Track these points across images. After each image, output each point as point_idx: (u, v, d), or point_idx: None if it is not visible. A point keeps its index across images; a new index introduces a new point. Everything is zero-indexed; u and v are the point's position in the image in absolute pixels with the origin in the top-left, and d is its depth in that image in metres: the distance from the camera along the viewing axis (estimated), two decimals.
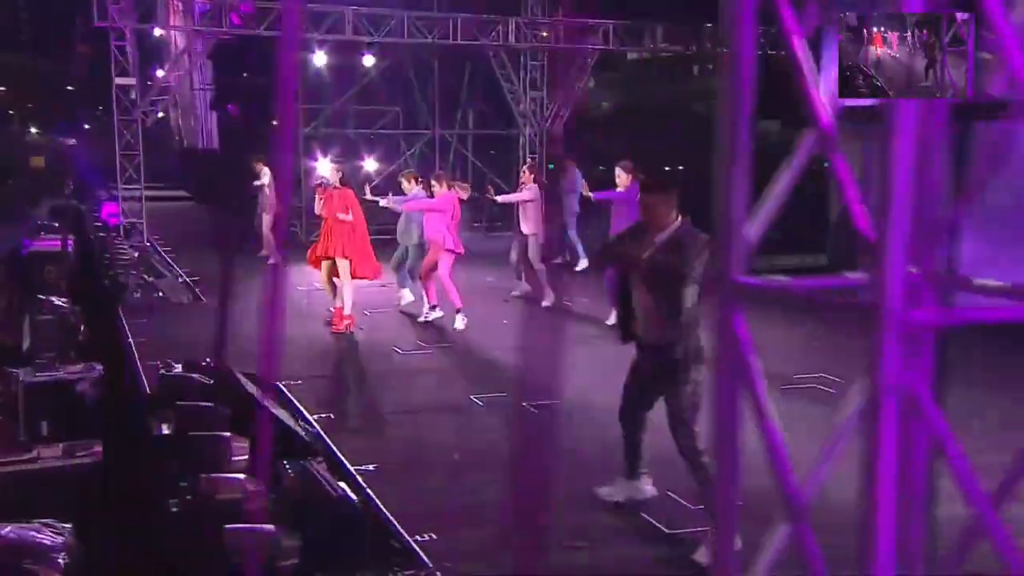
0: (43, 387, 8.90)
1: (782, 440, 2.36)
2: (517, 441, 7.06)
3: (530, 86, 19.86)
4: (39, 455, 7.61)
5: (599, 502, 5.76)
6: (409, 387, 8.81)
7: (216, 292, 13.09)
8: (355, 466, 6.23)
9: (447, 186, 10.71)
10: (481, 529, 5.43)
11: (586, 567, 5.06)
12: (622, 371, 8.79)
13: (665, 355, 5.16)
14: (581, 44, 19.32)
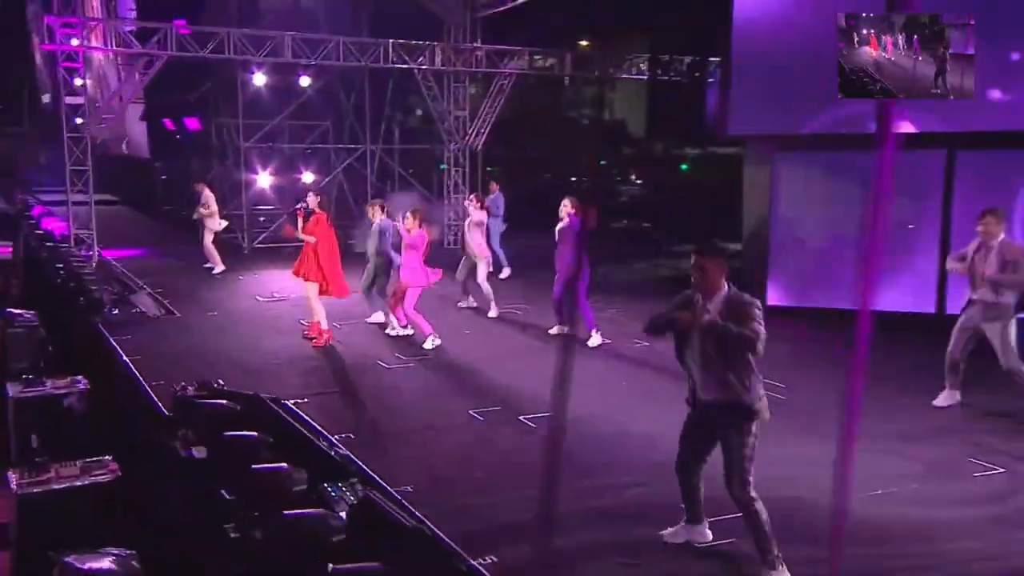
0: (32, 402, 8.57)
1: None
2: (529, 455, 6.96)
3: (454, 105, 19.79)
4: (57, 474, 7.31)
5: (638, 517, 5.83)
6: (408, 403, 8.56)
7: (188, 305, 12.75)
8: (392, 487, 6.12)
9: (420, 222, 10.58)
10: (533, 548, 5.36)
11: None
12: (592, 381, 9.01)
13: (726, 412, 5.06)
14: (500, 68, 19.38)
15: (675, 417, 7.73)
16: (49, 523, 7.12)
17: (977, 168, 11.59)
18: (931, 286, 11.83)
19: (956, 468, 6.75)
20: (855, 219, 12.28)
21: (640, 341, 10.81)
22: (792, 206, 12.57)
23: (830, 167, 12.44)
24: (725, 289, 5.04)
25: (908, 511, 5.96)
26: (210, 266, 16.12)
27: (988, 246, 7.54)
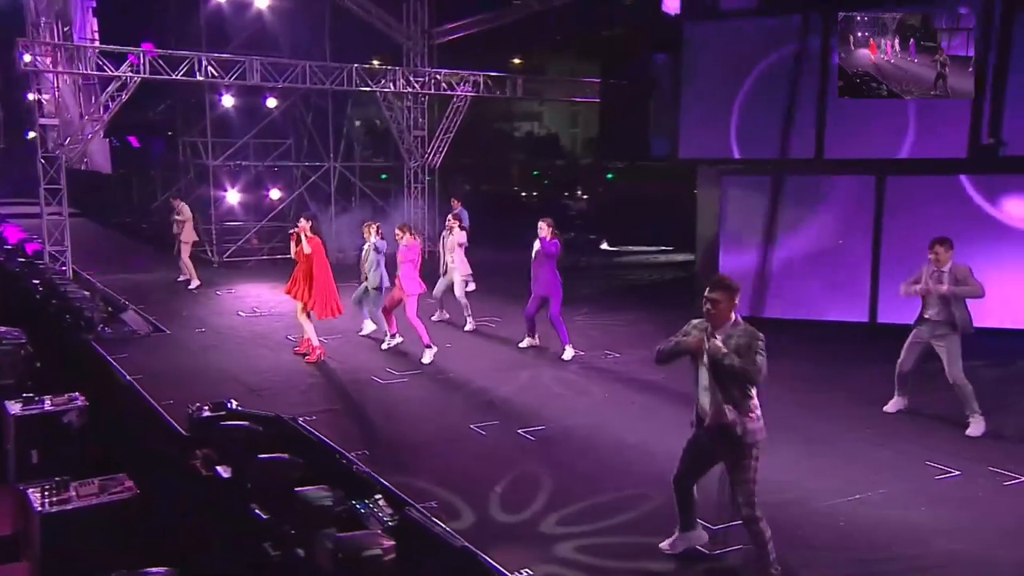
0: (32, 419, 8.44)
1: None
2: (538, 468, 7.08)
3: (413, 125, 19.83)
4: (77, 493, 7.23)
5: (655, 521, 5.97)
6: (411, 419, 8.53)
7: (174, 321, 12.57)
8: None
9: (412, 235, 10.69)
10: (565, 563, 5.54)
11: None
12: (575, 394, 9.20)
13: (731, 436, 5.13)
14: (455, 91, 19.50)
15: (661, 428, 8.04)
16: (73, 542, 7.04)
17: (903, 191, 12.15)
18: (864, 297, 12.37)
19: (918, 472, 7.07)
20: (796, 235, 12.81)
21: (610, 352, 11.08)
22: (739, 223, 12.99)
23: (771, 188, 12.91)
24: (732, 320, 5.17)
25: (888, 514, 6.21)
26: (184, 279, 15.91)
27: (940, 270, 7.96)
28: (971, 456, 7.38)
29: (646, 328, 12.44)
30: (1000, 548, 5.77)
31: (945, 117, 11.44)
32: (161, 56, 16.66)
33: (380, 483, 6.64)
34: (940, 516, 6.27)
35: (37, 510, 7.11)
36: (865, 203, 12.29)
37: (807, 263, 12.71)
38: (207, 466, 7.50)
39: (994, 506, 6.48)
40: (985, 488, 6.78)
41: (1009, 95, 11.21)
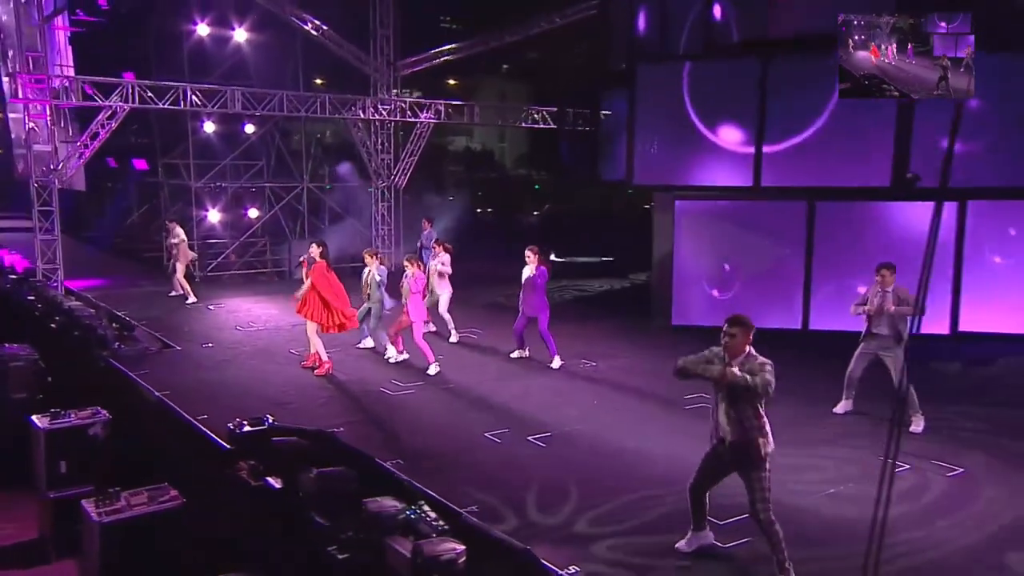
0: (61, 432, 8.47)
1: None
2: (556, 472, 7.34)
3: (381, 149, 19.88)
4: (128, 503, 7.27)
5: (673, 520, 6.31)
6: (429, 428, 8.66)
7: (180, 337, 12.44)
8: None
9: (417, 266, 10.89)
10: (613, 561, 5.85)
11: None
12: (572, 402, 9.51)
13: (746, 450, 5.47)
14: (419, 118, 19.64)
15: (654, 433, 8.45)
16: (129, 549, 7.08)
17: (832, 215, 12.86)
18: (798, 307, 13.04)
19: (876, 466, 7.61)
20: (739, 252, 13.36)
21: (586, 361, 11.44)
22: (690, 241, 13.51)
23: (718, 212, 13.48)
24: (747, 352, 5.54)
25: (860, 506, 6.62)
26: (176, 294, 15.71)
27: (884, 291, 8.57)
28: (917, 452, 7.93)
29: (611, 336, 12.86)
30: (952, 533, 6.29)
31: (868, 151, 12.19)
32: (148, 86, 16.43)
33: (423, 491, 6.87)
34: (901, 507, 6.72)
35: (95, 520, 7.15)
36: (798, 225, 12.94)
37: (748, 276, 13.32)
38: (254, 477, 7.59)
39: (943, 495, 7.03)
40: (934, 479, 7.37)
41: (919, 133, 12.03)
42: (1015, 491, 7.13)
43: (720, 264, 13.34)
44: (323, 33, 18.77)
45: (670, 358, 11.19)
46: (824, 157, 12.50)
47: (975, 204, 12.24)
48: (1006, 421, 8.97)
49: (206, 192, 18.68)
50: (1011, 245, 12.29)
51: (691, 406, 9.36)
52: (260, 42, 18.56)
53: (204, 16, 17.99)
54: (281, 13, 18.03)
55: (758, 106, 12.88)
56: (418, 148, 19.90)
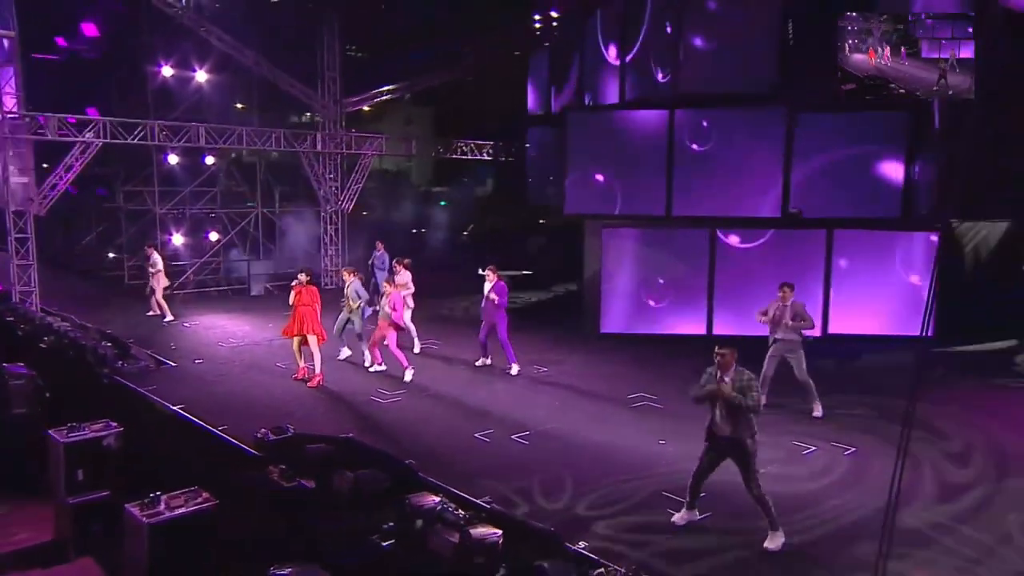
0: (78, 444, 8.58)
1: None
2: (548, 465, 7.83)
3: (329, 177, 19.95)
4: (167, 505, 7.46)
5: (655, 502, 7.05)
6: (424, 431, 8.89)
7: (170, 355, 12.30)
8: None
9: (394, 287, 11.26)
10: (614, 537, 6.47)
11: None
12: (536, 404, 10.08)
13: (739, 444, 6.31)
14: (363, 150, 19.87)
15: (614, 428, 9.12)
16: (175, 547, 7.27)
17: (731, 241, 13.97)
18: (703, 317, 14.10)
19: (792, 450, 8.49)
20: (655, 271, 14.23)
21: (539, 367, 12.01)
22: (614, 262, 14.34)
23: (638, 237, 14.36)
24: (734, 367, 6.37)
25: (787, 483, 7.48)
26: (153, 314, 15.41)
27: (784, 305, 9.59)
28: (820, 435, 8.89)
29: (552, 344, 13.43)
30: (860, 500, 7.18)
31: (761, 187, 13.40)
32: (119, 123, 16.06)
33: (442, 487, 7.31)
34: (820, 481, 7.65)
35: (143, 522, 7.32)
36: (703, 249, 14.01)
37: (662, 291, 14.27)
38: (286, 479, 7.85)
39: (846, 470, 7.98)
40: (836, 458, 8.36)
41: (799, 174, 13.31)
42: (892, 464, 8.19)
43: (638, 281, 14.23)
44: (276, 75, 18.70)
45: (606, 361, 12.13)
46: (724, 192, 13.63)
47: (839, 232, 13.65)
48: (878, 406, 10.10)
49: (169, 217, 18.29)
50: (867, 263, 13.73)
51: (635, 404, 10.11)
52: (219, 81, 18.32)
53: (168, 58, 17.63)
54: (239, 57, 17.87)
55: (666, 149, 13.89)
56: (362, 176, 20.09)
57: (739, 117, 13.59)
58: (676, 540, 6.44)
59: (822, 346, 13.36)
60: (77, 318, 14.86)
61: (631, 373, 11.64)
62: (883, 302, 13.64)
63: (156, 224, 18.05)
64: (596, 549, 6.15)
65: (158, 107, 17.61)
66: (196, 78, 17.87)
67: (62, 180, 15.59)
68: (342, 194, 20.01)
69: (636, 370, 11.79)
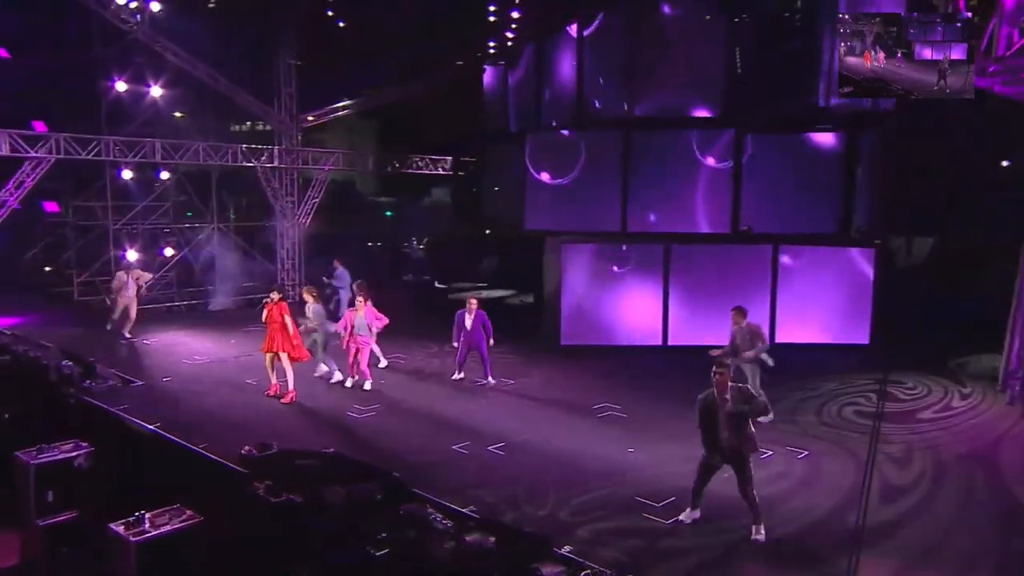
0: (49, 466, 8.65)
1: None
2: (525, 473, 8.16)
3: (285, 192, 19.93)
4: (152, 523, 7.58)
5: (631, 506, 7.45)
6: (403, 445, 9.07)
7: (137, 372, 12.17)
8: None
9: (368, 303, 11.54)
10: (595, 541, 6.83)
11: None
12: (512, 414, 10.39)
13: (740, 453, 6.86)
14: (319, 166, 19.95)
15: (584, 438, 9.52)
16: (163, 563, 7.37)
17: (684, 256, 14.62)
18: (659, 328, 14.69)
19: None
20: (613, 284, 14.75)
21: (506, 379, 12.30)
22: (574, 276, 14.80)
23: (595, 252, 14.87)
24: (729, 384, 6.90)
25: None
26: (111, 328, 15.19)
27: (739, 327, 10.15)
28: (775, 440, 9.37)
29: (516, 357, 13.63)
30: (817, 500, 7.75)
31: (712, 204, 14.09)
32: (72, 138, 15.83)
33: (428, 498, 7.57)
34: (779, 484, 8.16)
35: (130, 540, 7.44)
36: (658, 263, 14.60)
37: (620, 304, 14.80)
38: (273, 494, 8.00)
39: (801, 473, 8.54)
40: (792, 461, 8.92)
41: (747, 193, 14.06)
42: (844, 465, 8.76)
43: (597, 294, 14.74)
44: (232, 90, 18.62)
45: (571, 374, 12.57)
46: (678, 208, 14.29)
47: (784, 247, 14.44)
48: (825, 411, 10.81)
49: (123, 233, 18.00)
50: (810, 276, 14.55)
51: (602, 414, 10.55)
52: (174, 96, 18.15)
53: (122, 73, 17.40)
54: (194, 72, 17.76)
55: (621, 168, 14.49)
56: (319, 192, 20.14)
57: (691, 138, 14.26)
58: (656, 541, 6.85)
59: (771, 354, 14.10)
60: (29, 336, 14.56)
61: (594, 384, 12.07)
62: (826, 312, 14.46)
63: (109, 239, 17.72)
64: (581, 552, 6.51)
65: (111, 122, 17.34)
66: (151, 93, 17.65)
67: (12, 197, 15.27)
68: (299, 209, 20.02)
69: (598, 381, 12.23)
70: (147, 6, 16.63)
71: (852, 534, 6.53)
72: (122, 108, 17.56)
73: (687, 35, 14.31)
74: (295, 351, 11.05)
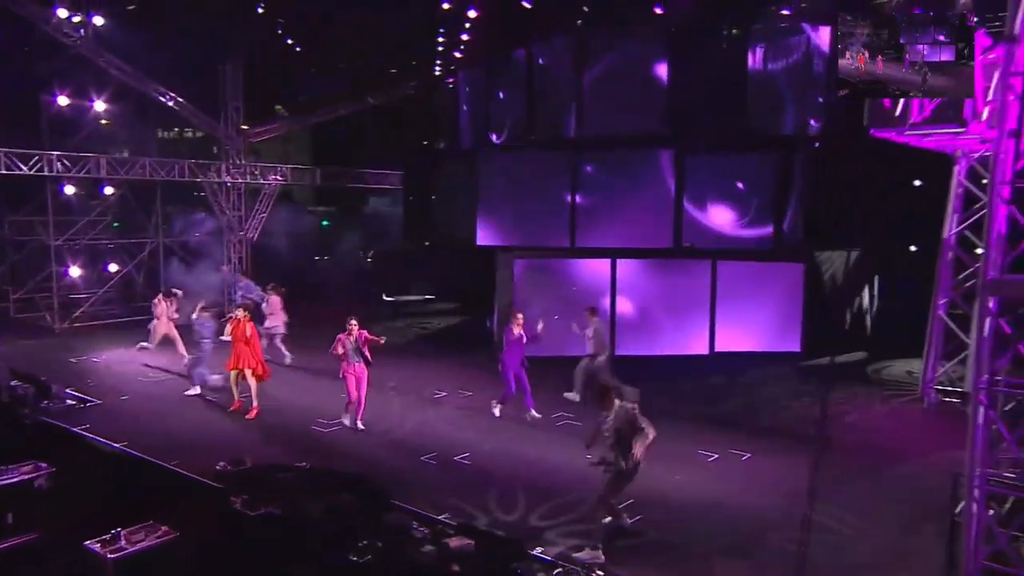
0: (9, 488, 8.74)
1: None
2: (495, 483, 8.59)
3: (232, 207, 19.87)
4: (128, 540, 7.77)
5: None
6: (375, 458, 9.34)
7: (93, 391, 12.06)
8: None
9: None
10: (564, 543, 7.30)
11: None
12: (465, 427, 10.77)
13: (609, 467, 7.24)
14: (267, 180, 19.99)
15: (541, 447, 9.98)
16: None
17: (630, 270, 15.34)
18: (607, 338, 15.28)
19: (698, 458, 9.56)
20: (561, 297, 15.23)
21: (465, 392, 12.72)
22: (526, 290, 15.32)
23: (545, 266, 15.46)
24: (616, 404, 7.30)
25: (698, 487, 8.58)
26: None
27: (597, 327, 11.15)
28: (719, 444, 10.02)
29: (472, 369, 14.05)
30: (762, 499, 8.38)
31: (656, 221, 14.86)
32: (14, 153, 15.53)
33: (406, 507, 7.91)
34: (726, 485, 8.78)
35: (108, 558, 7.62)
36: (605, 275, 15.27)
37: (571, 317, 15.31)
38: (250, 508, 8.22)
39: (744, 474, 9.22)
40: (735, 463, 9.58)
41: (690, 211, 14.88)
42: (784, 465, 9.38)
43: (546, 307, 15.27)
44: (178, 104, 18.52)
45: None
46: (624, 225, 15.00)
47: (721, 262, 15.32)
48: (765, 415, 11.60)
49: (65, 249, 17.67)
50: (746, 289, 15.45)
51: (559, 424, 11.07)
52: (118, 111, 17.95)
53: (64, 87, 17.13)
54: (139, 86, 17.61)
55: (570, 186, 15.14)
56: (267, 206, 20.16)
57: (635, 158, 15.01)
58: (619, 542, 7.38)
59: (710, 363, 14.98)
60: None
61: (549, 395, 12.53)
62: (760, 322, 15.38)
63: (50, 255, 17.37)
64: (552, 553, 7.01)
65: (53, 136, 17.05)
66: (94, 107, 17.43)
67: None
68: (246, 223, 19.99)
69: (553, 392, 12.72)
70: (90, 20, 16.46)
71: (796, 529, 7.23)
72: (64, 122, 17.28)
73: (631, 59, 15.07)
74: (260, 369, 11.22)
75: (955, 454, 6.67)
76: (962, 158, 11.21)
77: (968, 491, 5.26)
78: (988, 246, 5.06)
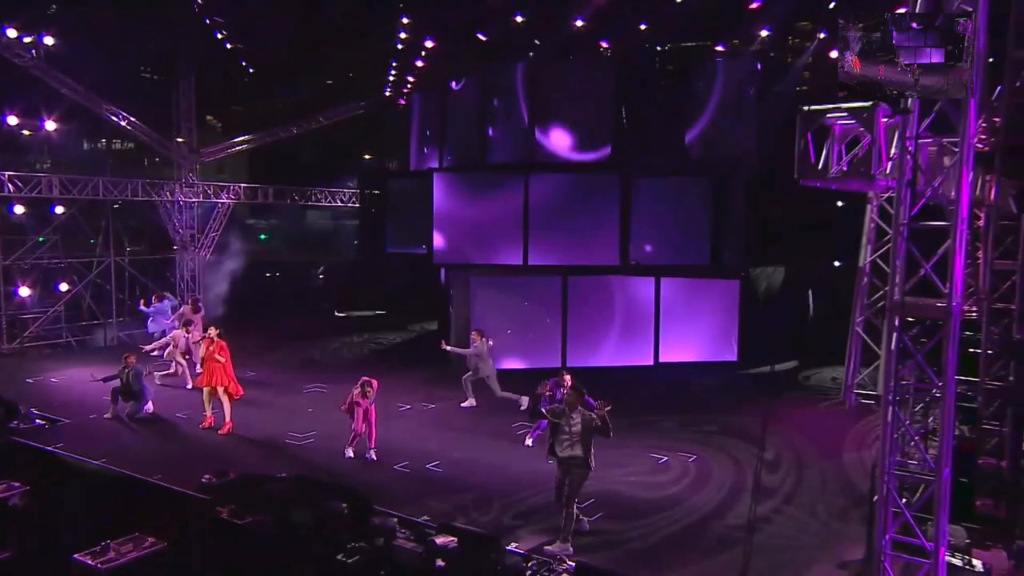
0: None
1: None
2: (468, 488, 9.22)
3: (186, 225, 20.04)
4: (117, 552, 8.25)
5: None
6: (348, 467, 9.86)
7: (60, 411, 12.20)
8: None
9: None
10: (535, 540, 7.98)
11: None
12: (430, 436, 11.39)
13: (580, 464, 7.90)
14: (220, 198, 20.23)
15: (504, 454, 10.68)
16: None
17: (580, 287, 16.25)
18: (558, 350, 16.19)
19: (649, 460, 10.40)
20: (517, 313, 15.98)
21: (427, 404, 13.32)
22: (482, 306, 16.08)
23: (500, 284, 16.24)
24: (581, 409, 8.01)
25: (655, 490, 9.37)
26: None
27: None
28: (668, 447, 10.92)
29: (430, 383, 14.59)
30: (707, 497, 9.20)
31: (604, 241, 15.84)
32: None
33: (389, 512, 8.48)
34: (677, 485, 9.60)
35: (100, 569, 8.09)
36: (556, 292, 16.15)
37: (525, 331, 16.17)
38: (238, 517, 8.74)
39: (693, 475, 9.99)
40: (684, 465, 10.42)
41: (635, 231, 15.92)
42: (724, 466, 10.32)
43: (503, 323, 16.07)
44: (131, 124, 18.66)
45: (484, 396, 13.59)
46: (573, 244, 15.95)
47: (665, 279, 16.41)
48: (707, 420, 12.54)
49: (14, 269, 17.57)
50: (688, 303, 16.58)
51: (520, 431, 11.72)
52: (70, 130, 17.99)
53: (14, 107, 17.11)
54: (92, 107, 17.72)
55: (522, 206, 16.01)
56: (220, 225, 20.39)
57: (583, 181, 15.99)
58: (585, 538, 8.17)
59: (655, 372, 16.01)
60: None
61: (508, 406, 13.26)
62: (700, 334, 16.51)
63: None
64: (526, 548, 7.74)
65: (3, 155, 17.00)
66: (45, 127, 17.44)
67: None
68: (200, 241, 20.19)
69: (511, 403, 13.47)
70: (41, 41, 16.56)
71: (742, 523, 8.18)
72: (14, 141, 17.24)
73: (581, 86, 16.12)
74: (232, 386, 11.65)
75: (874, 449, 7.70)
76: (873, 199, 12.72)
77: (880, 479, 6.24)
78: (893, 273, 6.11)
